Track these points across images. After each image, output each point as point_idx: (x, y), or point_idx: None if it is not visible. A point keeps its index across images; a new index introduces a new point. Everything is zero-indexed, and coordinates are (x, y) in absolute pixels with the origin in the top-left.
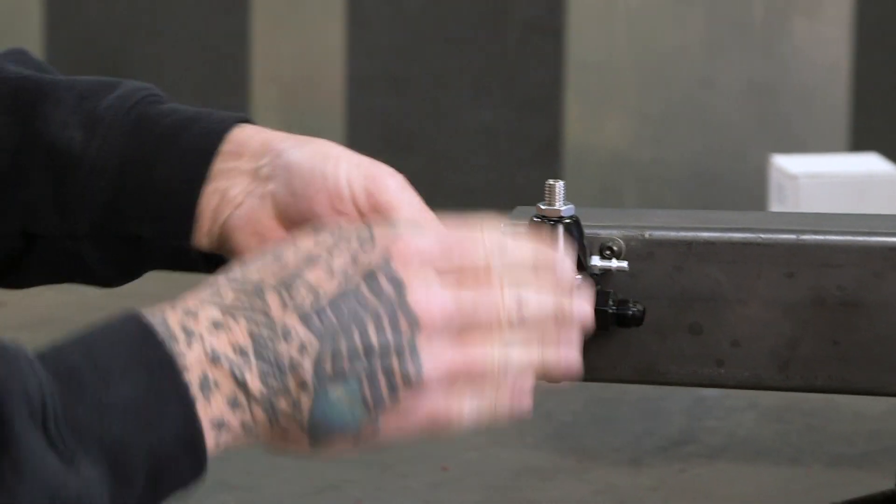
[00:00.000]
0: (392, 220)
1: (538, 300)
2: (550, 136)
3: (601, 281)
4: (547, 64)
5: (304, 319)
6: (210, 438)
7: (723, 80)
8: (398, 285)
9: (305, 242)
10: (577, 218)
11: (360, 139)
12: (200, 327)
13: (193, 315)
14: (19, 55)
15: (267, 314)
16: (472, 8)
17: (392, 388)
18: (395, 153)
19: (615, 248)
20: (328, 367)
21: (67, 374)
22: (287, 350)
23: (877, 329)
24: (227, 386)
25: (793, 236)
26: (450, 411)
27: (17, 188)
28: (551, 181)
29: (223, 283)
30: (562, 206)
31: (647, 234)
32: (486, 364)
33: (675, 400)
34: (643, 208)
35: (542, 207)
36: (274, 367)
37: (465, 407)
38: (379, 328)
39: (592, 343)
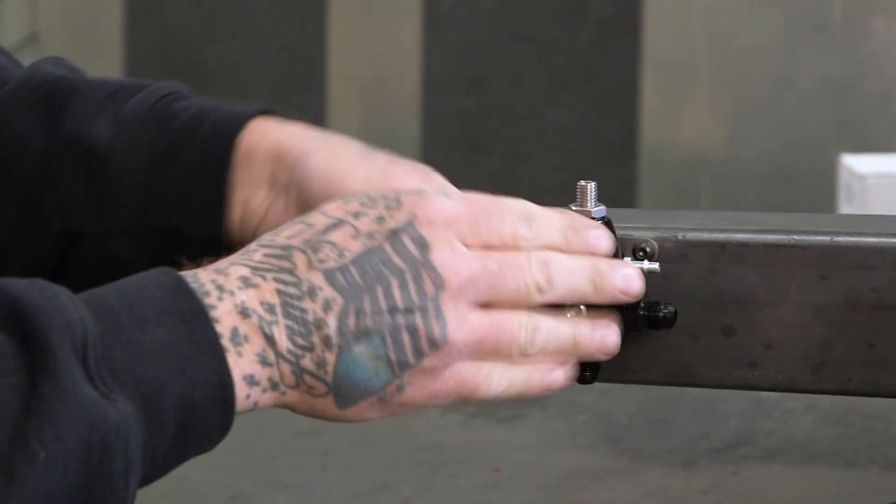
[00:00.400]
0: (420, 188)
1: (569, 264)
2: (626, 135)
3: None
4: (623, 63)
5: (329, 277)
6: (241, 391)
7: (800, 79)
8: (422, 245)
9: (333, 208)
10: (608, 219)
11: (435, 139)
12: (231, 283)
13: (224, 272)
14: (57, 60)
15: (293, 273)
16: (548, 7)
17: (416, 347)
18: (470, 153)
19: (648, 250)
20: (352, 323)
21: (105, 316)
22: (312, 307)
23: None
24: (257, 341)
25: (827, 238)
26: (477, 378)
27: (51, 189)
28: (583, 182)
29: (253, 247)
30: (593, 208)
31: (680, 235)
32: (514, 330)
33: (733, 401)
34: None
35: (574, 209)
36: (300, 323)
37: (494, 375)
38: (403, 287)
39: (624, 344)
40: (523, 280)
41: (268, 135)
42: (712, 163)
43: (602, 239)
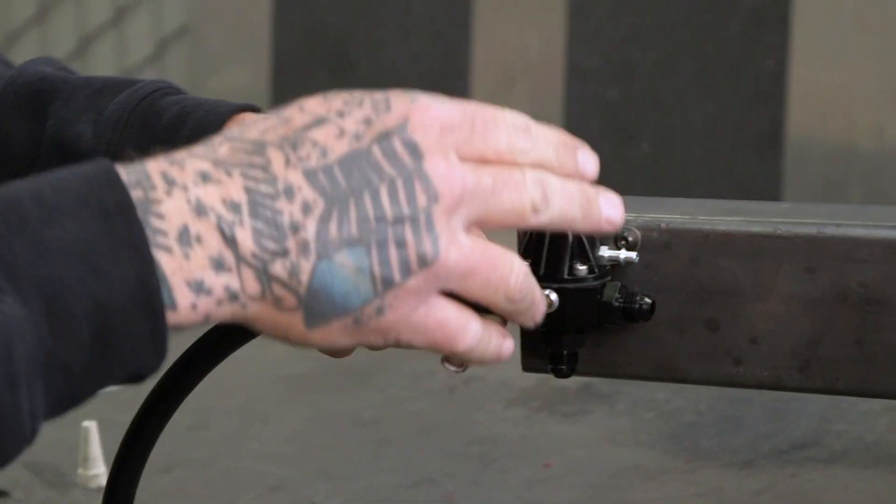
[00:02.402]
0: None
1: (561, 185)
2: (773, 126)
3: (615, 273)
4: (772, 53)
5: (310, 176)
6: (184, 299)
7: None
8: (415, 151)
9: (313, 104)
10: None
11: (580, 128)
12: (185, 177)
13: (179, 164)
14: (46, 59)
15: (267, 169)
16: None
17: (404, 262)
18: (615, 142)
19: (630, 239)
20: (334, 229)
21: (7, 208)
22: (288, 208)
23: None
24: (213, 243)
25: (814, 229)
26: (458, 323)
27: None
28: None
29: (218, 140)
30: None
31: (663, 224)
32: (506, 270)
33: (810, 402)
34: (660, 198)
35: None
36: (271, 226)
37: (471, 328)
38: (392, 195)
39: (608, 338)
40: (519, 199)
41: (254, 125)
42: (862, 155)
43: (590, 161)
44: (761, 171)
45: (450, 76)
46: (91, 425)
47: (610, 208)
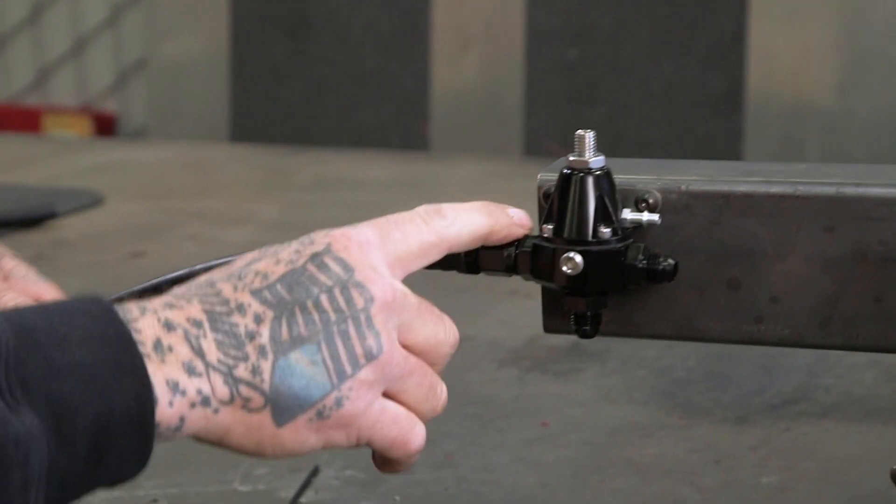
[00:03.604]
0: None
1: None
2: (732, 86)
3: (635, 235)
4: (729, 13)
5: (256, 295)
6: (164, 397)
7: None
8: (345, 265)
9: (249, 254)
10: (608, 169)
11: (539, 91)
12: (154, 305)
13: (147, 300)
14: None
15: (219, 295)
16: None
17: (352, 355)
18: (575, 105)
19: (651, 201)
20: (285, 332)
21: (25, 333)
22: (243, 321)
23: None
24: (183, 351)
25: (833, 189)
26: (410, 422)
27: None
28: (580, 132)
29: (169, 293)
30: (591, 158)
31: (683, 186)
32: (435, 382)
33: (796, 357)
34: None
35: (572, 159)
36: (230, 336)
37: (420, 429)
38: (332, 300)
39: (630, 298)
40: (441, 324)
41: None
42: (820, 114)
43: (520, 213)
44: (720, 130)
45: (408, 40)
46: None
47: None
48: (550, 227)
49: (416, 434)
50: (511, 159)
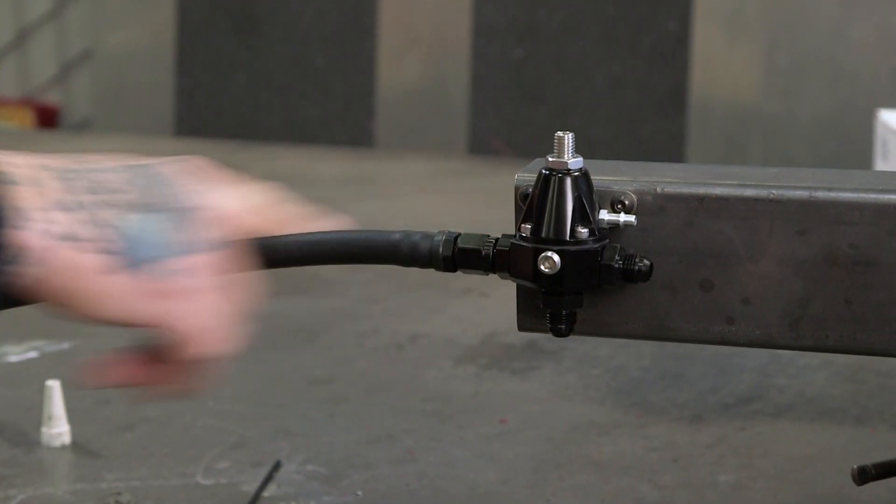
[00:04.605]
0: None
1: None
2: (676, 87)
3: (610, 235)
4: (674, 14)
5: (115, 171)
6: (36, 224)
7: (856, 32)
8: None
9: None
10: (585, 171)
11: (486, 88)
12: (30, 161)
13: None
14: None
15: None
16: None
17: (194, 239)
18: (520, 103)
19: (626, 203)
20: (140, 199)
21: None
22: (108, 179)
23: (891, 289)
24: (56, 188)
25: (805, 193)
26: (230, 322)
27: None
28: (560, 133)
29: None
30: (570, 159)
31: (658, 188)
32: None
33: (749, 357)
34: (653, 162)
35: (551, 160)
36: (94, 192)
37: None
38: (182, 195)
39: (604, 298)
40: None
41: None
42: (762, 116)
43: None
44: (664, 131)
45: (355, 36)
46: (55, 384)
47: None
48: (528, 226)
49: (226, 337)
50: (457, 157)
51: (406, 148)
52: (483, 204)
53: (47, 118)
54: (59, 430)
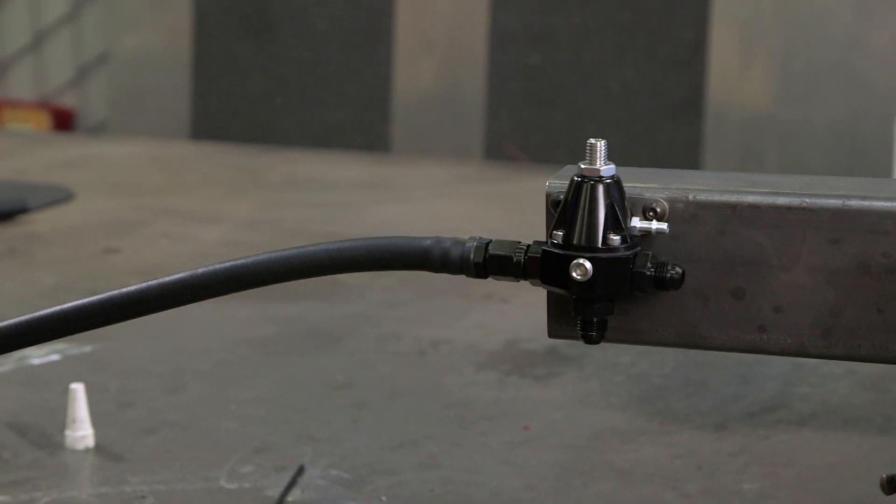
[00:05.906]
0: None
1: None
2: (692, 94)
3: (642, 243)
4: (691, 20)
5: None
6: None
7: (872, 40)
8: None
9: None
10: (617, 178)
11: (501, 94)
12: None
13: None
14: None
15: None
16: None
17: None
18: (536, 108)
19: (658, 210)
20: None
21: None
22: None
23: None
24: None
25: (839, 202)
26: None
27: None
28: (592, 140)
29: None
30: (602, 166)
31: (691, 196)
32: None
33: (772, 365)
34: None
35: (583, 167)
36: None
37: None
38: None
39: (634, 305)
40: None
41: None
42: (779, 123)
43: None
44: (680, 137)
45: (371, 41)
46: (78, 387)
47: None
48: (560, 233)
49: None
50: (472, 162)
51: (422, 153)
52: (499, 209)
53: (63, 121)
54: (82, 433)
